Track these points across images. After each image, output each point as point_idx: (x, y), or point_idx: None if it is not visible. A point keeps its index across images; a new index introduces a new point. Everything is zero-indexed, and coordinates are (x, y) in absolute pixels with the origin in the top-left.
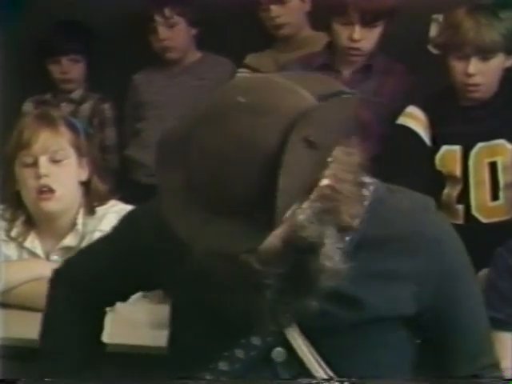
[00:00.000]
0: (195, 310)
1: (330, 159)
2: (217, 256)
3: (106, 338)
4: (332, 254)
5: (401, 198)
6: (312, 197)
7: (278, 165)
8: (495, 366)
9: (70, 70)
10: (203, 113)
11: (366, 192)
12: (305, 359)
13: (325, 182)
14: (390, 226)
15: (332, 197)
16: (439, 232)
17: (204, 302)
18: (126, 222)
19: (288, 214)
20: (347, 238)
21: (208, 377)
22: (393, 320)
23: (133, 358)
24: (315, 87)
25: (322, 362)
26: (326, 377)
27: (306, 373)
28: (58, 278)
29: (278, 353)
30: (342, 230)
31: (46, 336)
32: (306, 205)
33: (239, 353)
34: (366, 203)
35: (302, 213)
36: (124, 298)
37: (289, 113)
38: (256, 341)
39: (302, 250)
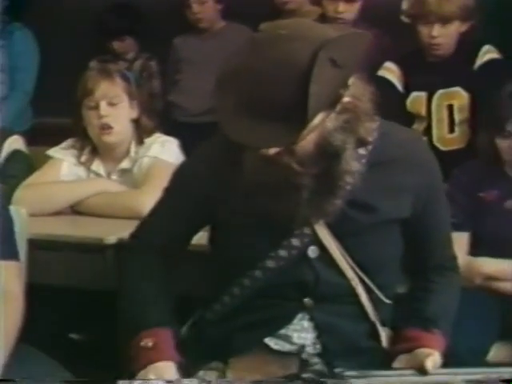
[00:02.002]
0: (246, 223)
1: (350, 82)
2: (264, 161)
3: None
4: (351, 160)
5: (399, 130)
6: (337, 109)
7: (310, 76)
8: (455, 258)
9: (124, 44)
10: (252, 45)
11: (373, 125)
12: (333, 254)
13: (347, 99)
14: (394, 151)
15: (353, 111)
16: (428, 155)
17: (252, 213)
18: (178, 176)
19: (318, 121)
20: (363, 161)
21: (257, 273)
22: (395, 222)
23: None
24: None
25: (347, 256)
26: (349, 268)
27: (336, 268)
28: (134, 239)
29: (313, 250)
30: (359, 142)
31: (128, 288)
32: (333, 115)
33: (282, 252)
34: (375, 134)
35: (330, 121)
36: (189, 241)
37: (317, 38)
38: (295, 242)
39: (329, 154)
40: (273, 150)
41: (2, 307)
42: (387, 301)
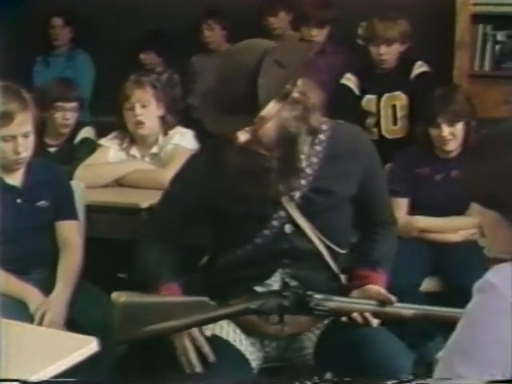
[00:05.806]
0: (238, 213)
1: (300, 82)
2: (239, 151)
3: None
4: (305, 144)
5: (345, 127)
6: (288, 101)
7: (258, 73)
8: (393, 216)
9: (153, 59)
10: (219, 59)
11: (324, 126)
12: (303, 228)
13: (296, 94)
14: (344, 145)
15: (302, 103)
16: (369, 146)
17: (240, 202)
18: (184, 173)
19: (272, 110)
20: (320, 155)
21: (248, 247)
22: (347, 199)
23: None
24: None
25: (315, 230)
26: (315, 237)
27: (306, 238)
28: (146, 221)
29: (289, 227)
30: (312, 130)
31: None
32: (286, 107)
33: (266, 232)
34: (327, 133)
35: (284, 111)
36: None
37: (262, 48)
38: (275, 223)
39: (287, 139)
40: (242, 138)
41: (66, 255)
42: (343, 251)
